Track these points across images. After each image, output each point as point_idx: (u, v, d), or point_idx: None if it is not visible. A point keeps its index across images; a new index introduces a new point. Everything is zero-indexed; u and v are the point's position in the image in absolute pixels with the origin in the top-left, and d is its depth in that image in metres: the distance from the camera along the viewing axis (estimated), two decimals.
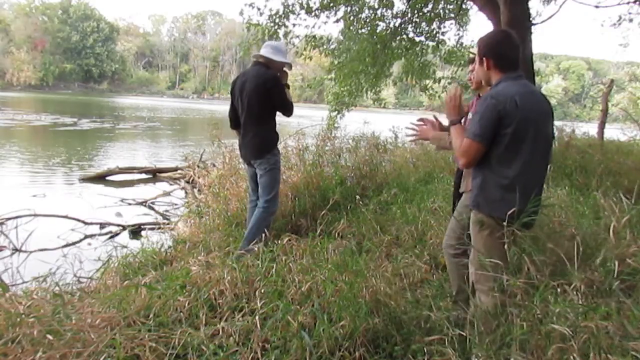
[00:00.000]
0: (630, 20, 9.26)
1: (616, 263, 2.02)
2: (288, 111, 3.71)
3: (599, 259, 2.13)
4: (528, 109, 2.00)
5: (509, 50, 2.12)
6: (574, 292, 1.89)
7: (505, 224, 1.98)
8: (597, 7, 7.68)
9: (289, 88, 3.75)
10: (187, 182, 8.08)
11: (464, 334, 2.03)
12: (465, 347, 2.02)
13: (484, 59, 2.13)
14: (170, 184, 8.46)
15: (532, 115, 2.02)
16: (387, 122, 8.61)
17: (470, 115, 2.62)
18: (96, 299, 2.43)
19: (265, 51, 3.64)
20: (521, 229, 1.99)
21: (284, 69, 3.73)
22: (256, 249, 3.05)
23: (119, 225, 5.66)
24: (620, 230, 2.40)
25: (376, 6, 9.14)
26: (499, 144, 2.02)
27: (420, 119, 2.68)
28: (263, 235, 3.38)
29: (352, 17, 9.09)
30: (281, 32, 8.67)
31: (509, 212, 1.96)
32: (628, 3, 8.33)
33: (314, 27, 9.02)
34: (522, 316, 1.84)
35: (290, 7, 8.51)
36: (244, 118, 3.66)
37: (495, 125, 1.99)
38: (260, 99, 3.55)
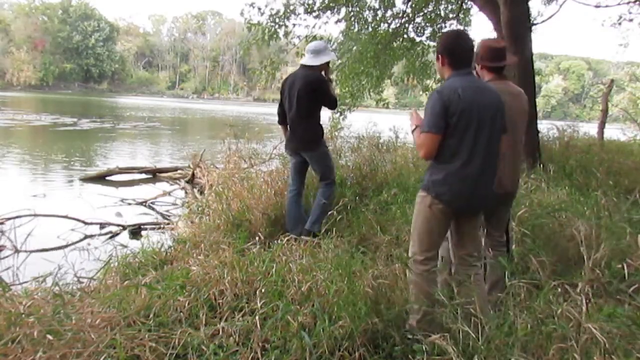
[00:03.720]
0: (630, 20, 9.25)
1: (624, 265, 2.02)
2: (333, 106, 4.15)
3: (592, 258, 2.13)
4: (470, 101, 2.17)
5: (462, 50, 2.29)
6: (576, 293, 1.88)
7: (446, 205, 2.22)
8: (597, 7, 7.68)
9: (332, 82, 4.18)
10: (187, 182, 8.08)
11: (469, 330, 2.03)
12: (466, 347, 2.01)
13: (440, 56, 2.31)
14: (170, 184, 8.44)
15: (475, 106, 2.18)
16: (387, 121, 8.59)
17: None
18: (96, 299, 2.43)
19: (306, 59, 4.00)
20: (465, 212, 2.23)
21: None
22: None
23: (119, 225, 5.64)
24: (620, 229, 2.40)
25: (377, 7, 9.13)
26: (446, 134, 2.18)
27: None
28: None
29: (352, 18, 9.07)
30: (281, 32, 8.66)
31: (454, 197, 2.19)
32: (628, 3, 8.32)
33: (314, 27, 9.01)
34: (525, 316, 1.83)
35: (291, 7, 8.50)
36: (293, 115, 4.02)
37: (444, 115, 2.16)
38: (307, 98, 3.92)
